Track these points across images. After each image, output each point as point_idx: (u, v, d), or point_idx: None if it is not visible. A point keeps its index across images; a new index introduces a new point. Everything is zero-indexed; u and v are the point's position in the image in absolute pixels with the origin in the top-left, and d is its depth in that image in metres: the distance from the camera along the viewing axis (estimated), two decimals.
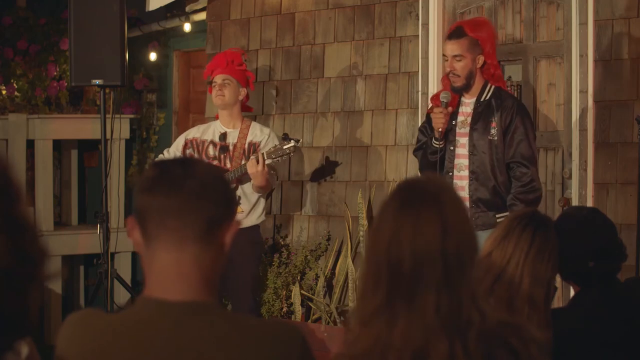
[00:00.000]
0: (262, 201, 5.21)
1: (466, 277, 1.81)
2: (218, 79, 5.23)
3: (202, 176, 1.77)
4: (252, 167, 4.92)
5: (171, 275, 1.76)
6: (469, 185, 4.53)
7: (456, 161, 4.59)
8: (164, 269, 1.76)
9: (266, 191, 5.24)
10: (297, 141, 4.94)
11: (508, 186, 4.51)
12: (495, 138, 4.50)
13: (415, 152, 4.85)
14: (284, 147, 4.90)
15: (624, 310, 2.70)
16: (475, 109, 4.58)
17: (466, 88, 4.57)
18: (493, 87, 4.58)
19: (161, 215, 1.76)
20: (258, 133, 5.21)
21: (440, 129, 4.53)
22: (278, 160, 4.95)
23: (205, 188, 1.76)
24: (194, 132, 5.36)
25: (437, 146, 4.58)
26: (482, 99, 4.57)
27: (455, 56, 4.53)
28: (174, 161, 1.82)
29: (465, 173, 4.56)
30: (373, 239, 1.87)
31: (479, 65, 4.55)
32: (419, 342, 1.77)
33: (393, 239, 1.82)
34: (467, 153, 4.56)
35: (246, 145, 5.17)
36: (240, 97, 5.26)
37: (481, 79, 4.59)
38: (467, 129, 4.58)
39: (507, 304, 2.49)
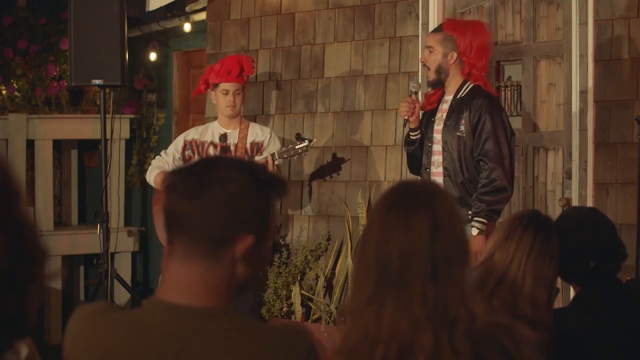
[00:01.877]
0: None
1: (455, 276, 1.83)
2: (230, 87, 5.18)
3: (219, 192, 1.73)
4: None
5: (181, 283, 1.76)
6: (443, 181, 4.58)
7: (433, 157, 4.67)
8: (175, 277, 1.77)
9: None
10: (310, 141, 4.92)
11: (476, 183, 4.51)
12: (464, 134, 4.54)
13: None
14: (297, 146, 4.89)
15: (625, 310, 2.71)
16: (450, 106, 4.63)
17: (438, 82, 4.65)
18: (472, 85, 4.61)
19: (174, 223, 1.75)
20: (259, 132, 5.20)
21: (406, 117, 4.62)
22: (289, 159, 4.94)
23: (219, 206, 1.73)
24: (192, 134, 5.34)
25: (413, 137, 4.68)
26: (458, 96, 4.62)
27: (427, 47, 4.65)
28: (198, 169, 1.77)
29: (440, 169, 4.62)
30: (364, 237, 1.91)
31: (451, 62, 4.60)
32: (406, 335, 1.80)
33: (382, 237, 1.85)
34: (441, 149, 4.61)
35: (248, 145, 5.16)
36: (244, 101, 5.28)
37: (459, 76, 4.63)
38: (442, 126, 4.65)
39: (510, 305, 2.50)
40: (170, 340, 1.72)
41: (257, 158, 5.03)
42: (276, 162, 4.94)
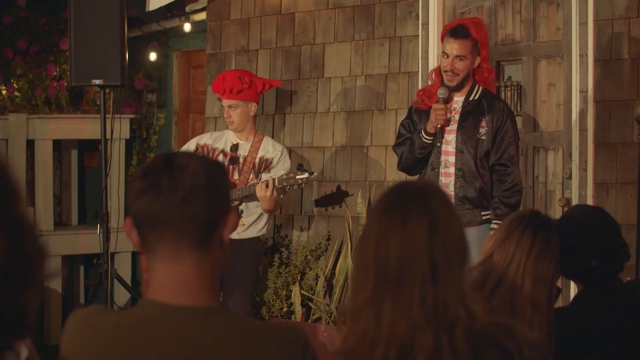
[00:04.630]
0: (265, 216, 5.15)
1: (453, 276, 1.83)
2: (224, 103, 5.19)
3: (191, 180, 1.73)
4: (261, 191, 4.86)
5: (171, 284, 1.75)
6: (455, 182, 4.59)
7: (442, 158, 4.65)
8: (164, 278, 1.76)
9: (273, 212, 5.22)
10: (311, 174, 4.89)
11: (491, 185, 4.60)
12: (484, 137, 4.58)
13: (395, 147, 4.86)
14: (297, 177, 4.85)
15: (626, 310, 2.71)
16: (463, 107, 4.62)
17: (459, 87, 4.62)
18: (481, 88, 4.64)
19: (155, 225, 1.74)
20: (270, 149, 5.15)
21: (440, 125, 4.58)
22: (288, 188, 4.91)
23: (196, 193, 1.73)
24: (206, 138, 5.31)
25: (429, 142, 4.63)
26: (471, 98, 4.62)
27: (458, 56, 4.57)
28: (161, 167, 1.76)
29: (451, 170, 4.62)
30: (362, 238, 1.91)
31: (474, 66, 4.61)
32: (405, 336, 1.80)
33: (380, 237, 1.85)
34: (454, 150, 4.60)
35: (257, 160, 5.13)
36: (252, 113, 5.18)
37: (471, 78, 4.64)
38: (454, 126, 4.62)
39: (510, 306, 2.50)
40: (167, 341, 1.72)
41: (263, 176, 5.02)
42: (277, 186, 4.92)
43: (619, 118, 4.84)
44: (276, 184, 4.86)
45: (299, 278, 5.81)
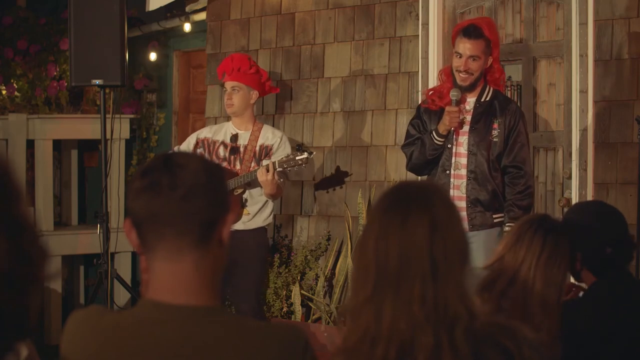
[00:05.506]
0: (270, 204, 5.14)
1: (453, 275, 1.84)
2: (227, 85, 5.20)
3: (190, 178, 1.73)
4: (262, 176, 4.86)
5: (172, 283, 1.75)
6: (467, 184, 4.56)
7: (454, 159, 4.60)
8: (164, 277, 1.76)
9: (277, 198, 5.21)
10: (310, 153, 4.88)
11: (503, 187, 4.57)
12: (496, 140, 4.53)
13: (404, 147, 4.81)
14: (297, 157, 4.84)
15: (630, 308, 2.73)
16: (475, 109, 4.59)
17: (472, 87, 4.59)
18: (492, 89, 4.61)
19: (154, 224, 1.74)
20: (270, 136, 5.15)
21: (453, 128, 4.55)
22: (289, 170, 4.91)
23: (195, 191, 1.73)
24: (205, 132, 5.32)
25: (441, 143, 4.59)
26: (482, 100, 4.59)
27: (471, 56, 4.54)
28: (160, 166, 1.76)
29: (463, 172, 4.57)
30: (362, 237, 1.92)
31: (487, 66, 4.58)
32: (405, 334, 1.80)
33: (380, 237, 1.86)
34: (466, 152, 4.57)
35: (257, 148, 5.13)
36: (252, 101, 5.19)
37: (483, 79, 4.61)
38: (466, 128, 4.59)
39: (521, 308, 2.52)
40: (167, 341, 1.72)
41: (264, 162, 5.02)
42: (277, 170, 4.91)
43: (619, 118, 4.84)
44: (277, 167, 4.86)
45: (299, 278, 5.81)
